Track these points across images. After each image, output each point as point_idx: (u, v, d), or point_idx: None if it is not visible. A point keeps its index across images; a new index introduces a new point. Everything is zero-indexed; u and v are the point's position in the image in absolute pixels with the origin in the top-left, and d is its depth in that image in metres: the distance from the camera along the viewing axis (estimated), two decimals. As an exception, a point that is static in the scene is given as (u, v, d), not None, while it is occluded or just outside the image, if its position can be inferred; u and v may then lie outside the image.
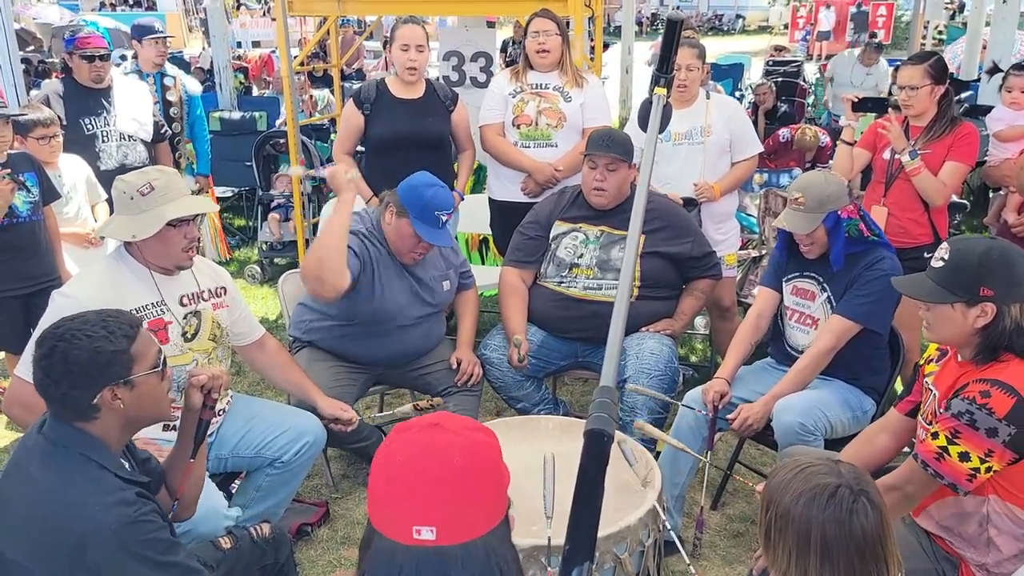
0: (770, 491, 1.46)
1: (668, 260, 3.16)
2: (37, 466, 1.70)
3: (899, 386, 3.42)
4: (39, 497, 1.66)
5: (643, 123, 1.49)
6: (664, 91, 1.47)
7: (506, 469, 1.20)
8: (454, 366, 3.11)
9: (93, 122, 4.16)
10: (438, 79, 4.47)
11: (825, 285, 2.78)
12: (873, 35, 8.99)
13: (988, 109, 5.72)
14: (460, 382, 3.08)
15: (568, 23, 3.90)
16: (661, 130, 1.47)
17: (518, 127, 3.74)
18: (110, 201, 3.36)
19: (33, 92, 5.47)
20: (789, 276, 2.90)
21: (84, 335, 1.70)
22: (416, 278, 3.03)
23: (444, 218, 2.88)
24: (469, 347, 3.18)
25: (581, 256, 3.17)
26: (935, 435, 1.91)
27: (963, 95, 7.74)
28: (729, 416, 2.75)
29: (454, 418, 1.21)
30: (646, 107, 1.48)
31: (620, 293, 1.22)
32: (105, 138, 4.20)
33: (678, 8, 31.87)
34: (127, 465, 1.83)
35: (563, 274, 3.19)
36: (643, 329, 3.13)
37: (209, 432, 2.55)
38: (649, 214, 3.15)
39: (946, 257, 1.94)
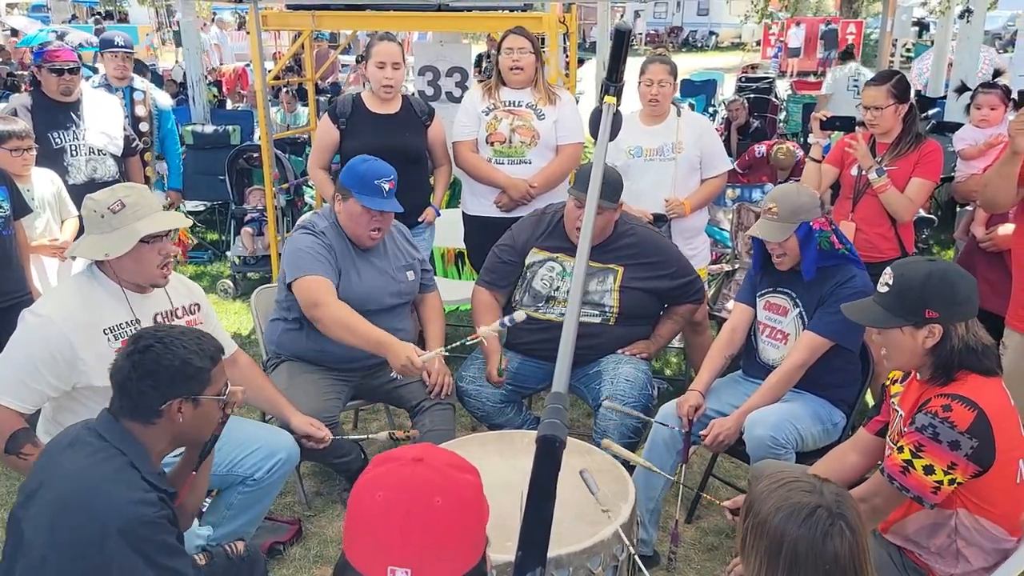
0: (752, 498, 1.48)
1: (649, 293, 3.15)
2: (74, 455, 1.77)
3: (870, 399, 3.47)
4: (70, 482, 1.73)
5: (594, 132, 1.50)
6: (614, 100, 1.49)
7: (487, 507, 1.18)
8: (425, 379, 3.08)
9: (62, 136, 4.12)
10: (413, 94, 4.48)
11: (797, 300, 2.81)
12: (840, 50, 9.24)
13: (955, 126, 5.84)
14: (432, 394, 3.06)
15: (543, 39, 3.94)
16: (612, 138, 1.48)
17: (491, 144, 3.75)
18: (80, 217, 3.31)
19: (1, 105, 5.40)
20: (762, 291, 2.93)
21: (181, 345, 1.83)
22: (379, 267, 3.06)
23: (386, 186, 2.92)
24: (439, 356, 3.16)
25: (558, 289, 3.15)
26: (900, 449, 1.94)
27: (930, 112, 7.89)
28: (702, 432, 2.76)
29: (438, 453, 1.18)
30: (596, 116, 1.49)
31: (572, 296, 1.23)
32: (74, 152, 4.15)
33: (650, 25, 32.20)
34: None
35: (539, 304, 3.17)
36: (619, 351, 3.13)
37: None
38: (630, 247, 3.14)
39: (890, 283, 2.00)
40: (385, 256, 3.10)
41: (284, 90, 7.94)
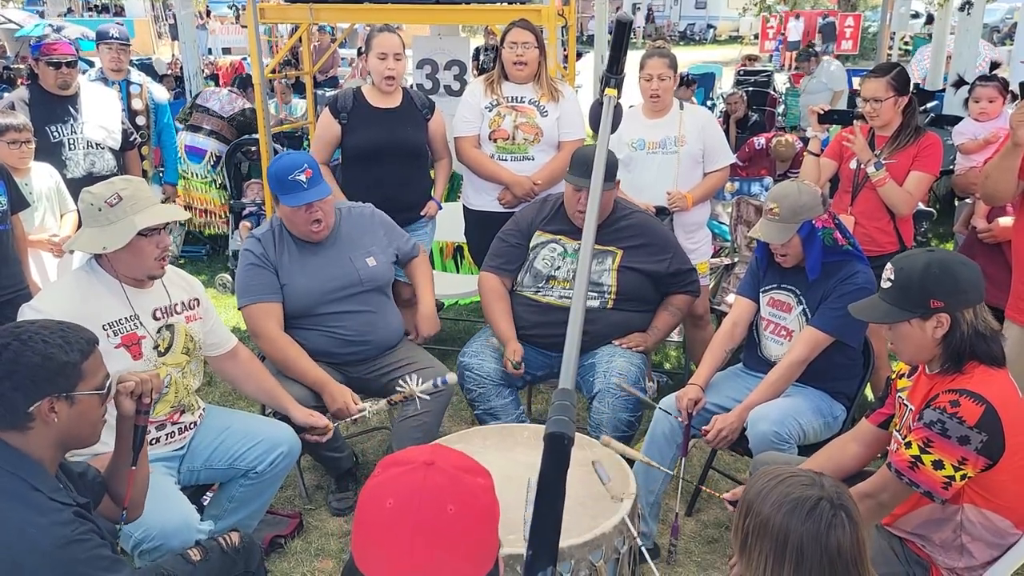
0: (750, 497, 1.48)
1: (645, 276, 3.16)
2: None
3: (869, 392, 3.47)
4: None
5: (594, 125, 1.49)
6: (614, 92, 1.47)
7: (498, 509, 1.17)
8: (411, 335, 3.19)
9: (60, 130, 4.11)
10: (412, 87, 4.46)
11: (801, 297, 2.81)
12: (809, 45, 9.20)
13: (953, 119, 5.83)
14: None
15: (541, 32, 3.91)
16: (612, 131, 1.47)
17: (495, 141, 3.73)
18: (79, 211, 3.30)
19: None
20: (766, 287, 2.92)
21: (41, 340, 1.69)
22: (328, 258, 3.06)
23: (302, 177, 2.91)
24: (431, 316, 3.28)
25: (558, 268, 3.17)
26: (908, 444, 1.94)
27: (928, 105, 7.89)
28: (704, 428, 2.76)
29: (448, 455, 1.16)
30: (596, 109, 1.48)
31: (577, 290, 1.23)
32: (72, 146, 4.14)
33: (651, 17, 32.14)
34: (66, 483, 1.78)
35: (539, 284, 3.18)
36: (615, 342, 3.13)
37: (158, 439, 2.51)
38: (629, 229, 3.16)
39: (892, 278, 2.02)
40: (335, 245, 3.08)
41: (279, 81, 7.87)
